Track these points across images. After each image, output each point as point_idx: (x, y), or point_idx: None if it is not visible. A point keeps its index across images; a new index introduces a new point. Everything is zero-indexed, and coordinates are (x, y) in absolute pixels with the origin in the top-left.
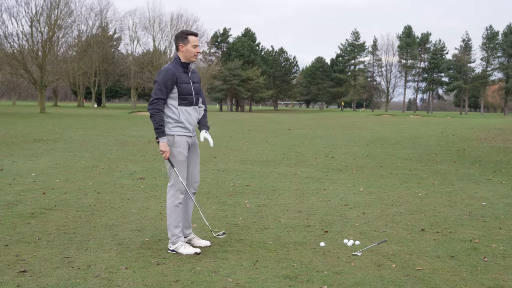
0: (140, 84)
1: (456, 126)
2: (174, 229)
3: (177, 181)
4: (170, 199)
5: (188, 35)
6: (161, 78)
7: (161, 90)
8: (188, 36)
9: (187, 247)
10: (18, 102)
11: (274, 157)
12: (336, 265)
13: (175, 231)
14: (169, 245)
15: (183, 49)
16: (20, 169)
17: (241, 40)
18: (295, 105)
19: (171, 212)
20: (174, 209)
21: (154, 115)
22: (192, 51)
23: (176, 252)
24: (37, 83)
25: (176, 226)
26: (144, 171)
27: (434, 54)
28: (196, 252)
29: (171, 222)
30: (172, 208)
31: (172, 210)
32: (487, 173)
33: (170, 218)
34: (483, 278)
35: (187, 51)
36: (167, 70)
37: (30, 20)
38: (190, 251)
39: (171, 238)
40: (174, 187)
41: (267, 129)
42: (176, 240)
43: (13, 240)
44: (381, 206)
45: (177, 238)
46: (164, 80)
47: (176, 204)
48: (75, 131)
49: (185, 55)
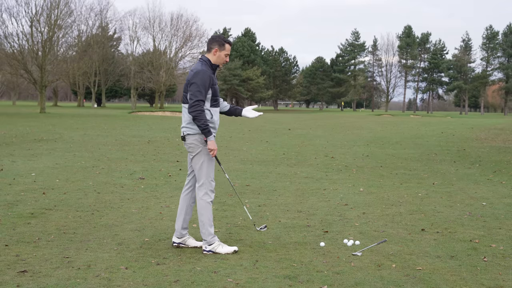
0: (140, 84)
1: (456, 126)
2: (210, 228)
3: (207, 180)
4: (202, 198)
5: (226, 43)
6: (200, 80)
7: (200, 92)
8: (226, 44)
9: (225, 246)
10: (18, 102)
11: (274, 157)
12: (336, 265)
13: (211, 230)
14: (204, 246)
15: (216, 53)
16: (20, 169)
17: (241, 40)
18: (295, 105)
19: (204, 210)
20: (207, 207)
21: (198, 117)
22: (224, 58)
23: (214, 253)
24: (37, 83)
25: (211, 224)
26: (144, 171)
27: (434, 54)
28: (235, 250)
29: (205, 221)
30: (205, 206)
31: (205, 208)
32: (487, 173)
33: (204, 217)
34: (483, 278)
35: (219, 57)
36: (205, 71)
37: (30, 20)
38: (229, 250)
39: (207, 238)
40: (205, 186)
41: (267, 129)
42: (212, 240)
43: (13, 240)
44: (381, 206)
45: (213, 238)
46: (203, 81)
47: (208, 202)
48: (75, 131)
49: (217, 59)
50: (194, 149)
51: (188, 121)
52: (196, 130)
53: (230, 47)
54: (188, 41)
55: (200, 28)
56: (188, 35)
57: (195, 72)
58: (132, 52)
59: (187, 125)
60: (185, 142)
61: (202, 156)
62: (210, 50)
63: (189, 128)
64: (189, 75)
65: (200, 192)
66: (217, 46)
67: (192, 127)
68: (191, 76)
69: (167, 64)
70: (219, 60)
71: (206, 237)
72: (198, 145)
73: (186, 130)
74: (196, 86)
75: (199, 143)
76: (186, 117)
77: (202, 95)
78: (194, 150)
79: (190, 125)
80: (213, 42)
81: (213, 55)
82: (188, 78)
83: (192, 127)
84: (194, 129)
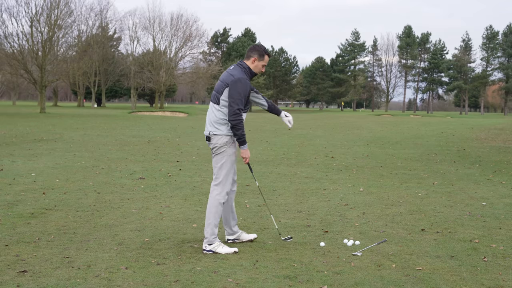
0: (140, 84)
1: (456, 126)
2: (215, 228)
3: (226, 181)
4: (215, 197)
5: (266, 54)
6: (241, 88)
7: (241, 101)
8: (265, 55)
9: (225, 246)
10: (18, 102)
11: (274, 157)
12: (336, 265)
13: (215, 230)
14: (205, 245)
15: (254, 63)
16: (20, 169)
17: (241, 40)
18: (295, 105)
19: (214, 210)
20: (218, 207)
21: (238, 126)
22: (260, 68)
23: (213, 252)
24: (37, 83)
25: (216, 225)
26: (144, 171)
27: (434, 54)
28: (235, 251)
29: (212, 220)
30: (216, 205)
31: (216, 208)
32: (487, 173)
33: (212, 216)
34: (483, 278)
35: (257, 67)
36: (246, 81)
37: (30, 20)
38: (229, 251)
39: (209, 237)
40: (222, 186)
41: (267, 129)
42: (214, 240)
43: (13, 240)
44: (381, 206)
45: (214, 238)
46: (244, 90)
47: (221, 202)
48: (75, 131)
49: (254, 68)
50: (218, 150)
51: (215, 121)
52: (222, 131)
53: (269, 59)
54: (188, 41)
55: (200, 28)
56: (188, 35)
57: (236, 79)
58: (132, 52)
59: (214, 125)
60: (210, 142)
61: (225, 157)
62: (249, 58)
63: (215, 128)
64: (228, 78)
65: (215, 191)
66: (256, 55)
67: (218, 127)
68: (230, 81)
69: (167, 64)
70: (256, 69)
71: (208, 235)
72: (223, 146)
73: (212, 130)
74: (238, 95)
75: (224, 144)
76: (212, 116)
77: (242, 104)
78: (217, 150)
79: (217, 125)
80: (253, 51)
81: (251, 63)
82: (225, 80)
83: (218, 127)
84: (220, 129)
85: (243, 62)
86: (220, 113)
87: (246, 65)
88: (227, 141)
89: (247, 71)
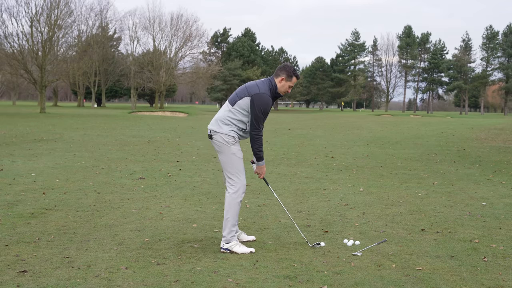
0: (140, 84)
1: (456, 126)
2: (233, 226)
3: (237, 178)
4: (232, 196)
5: (294, 76)
6: (265, 105)
7: (263, 118)
8: (293, 77)
9: (242, 246)
10: (18, 102)
11: (274, 157)
12: (336, 265)
13: (234, 229)
14: (222, 244)
15: (282, 82)
16: (20, 169)
17: (241, 40)
18: (295, 105)
19: (233, 209)
20: (236, 205)
21: (257, 140)
22: (287, 89)
23: (230, 251)
24: (37, 83)
25: (234, 224)
26: (144, 171)
27: (434, 54)
28: (251, 251)
29: (230, 219)
30: (234, 204)
31: (234, 206)
32: (487, 173)
33: (230, 214)
34: (483, 278)
35: (283, 87)
36: (268, 100)
37: (30, 20)
38: (245, 250)
39: (226, 236)
40: (235, 183)
41: (267, 129)
42: (231, 239)
43: (13, 240)
44: (381, 206)
45: (232, 237)
46: (266, 110)
47: (239, 201)
48: (75, 131)
49: (280, 88)
50: (220, 148)
51: (221, 119)
52: (223, 130)
53: (297, 80)
54: (188, 41)
55: (200, 28)
56: (188, 35)
57: (260, 94)
58: (132, 52)
59: (218, 123)
60: (212, 139)
61: (227, 154)
62: (277, 76)
63: (218, 126)
64: (253, 89)
65: (231, 189)
66: (285, 75)
67: (221, 126)
68: (254, 94)
69: (167, 64)
70: (282, 89)
71: (226, 234)
72: (225, 144)
73: (215, 128)
74: (260, 113)
75: (226, 142)
76: (221, 114)
77: (263, 120)
78: (220, 148)
79: (221, 123)
80: (282, 70)
81: (279, 82)
82: (250, 89)
83: (221, 125)
84: (222, 128)
85: (273, 79)
86: (229, 113)
87: (275, 83)
88: (227, 140)
89: (273, 89)
